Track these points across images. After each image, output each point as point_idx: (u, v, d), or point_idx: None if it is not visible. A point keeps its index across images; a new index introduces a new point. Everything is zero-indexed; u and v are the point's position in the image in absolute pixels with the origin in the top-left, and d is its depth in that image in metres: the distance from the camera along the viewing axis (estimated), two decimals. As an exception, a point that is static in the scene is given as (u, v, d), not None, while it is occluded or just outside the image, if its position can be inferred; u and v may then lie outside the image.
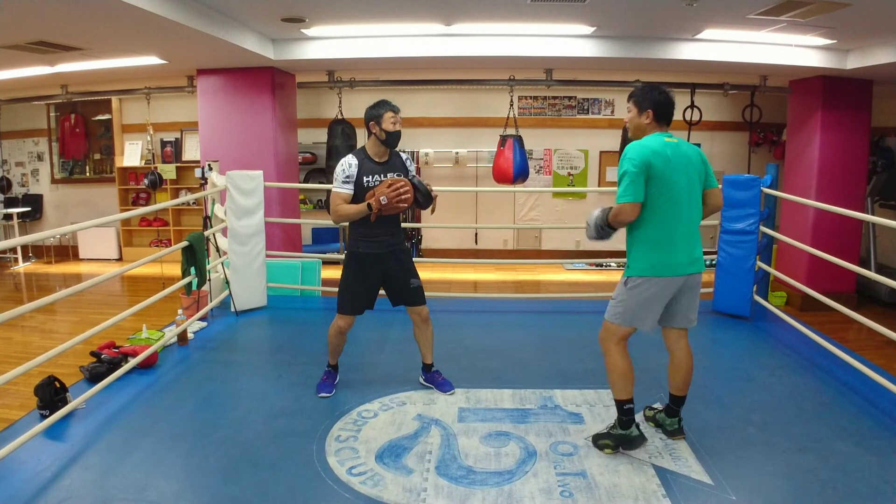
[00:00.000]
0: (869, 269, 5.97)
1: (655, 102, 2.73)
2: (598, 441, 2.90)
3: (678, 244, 2.75)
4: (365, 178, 3.13)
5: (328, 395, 3.37)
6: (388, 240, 3.25)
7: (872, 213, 6.47)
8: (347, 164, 3.12)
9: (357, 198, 3.13)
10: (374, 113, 3.15)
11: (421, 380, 3.59)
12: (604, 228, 2.83)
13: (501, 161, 6.28)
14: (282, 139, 6.11)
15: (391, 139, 3.17)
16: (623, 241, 2.91)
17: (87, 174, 8.79)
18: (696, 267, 2.83)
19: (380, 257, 3.25)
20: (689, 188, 2.74)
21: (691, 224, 2.80)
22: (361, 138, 7.29)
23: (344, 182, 3.11)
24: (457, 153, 8.08)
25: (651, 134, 2.75)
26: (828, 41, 4.99)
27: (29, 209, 8.57)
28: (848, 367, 3.69)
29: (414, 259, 3.53)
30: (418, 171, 8.07)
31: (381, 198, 3.04)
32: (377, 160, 3.19)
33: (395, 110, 3.16)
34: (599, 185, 8.22)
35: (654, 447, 2.89)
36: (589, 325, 4.63)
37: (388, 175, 3.18)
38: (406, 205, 3.10)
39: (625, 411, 2.81)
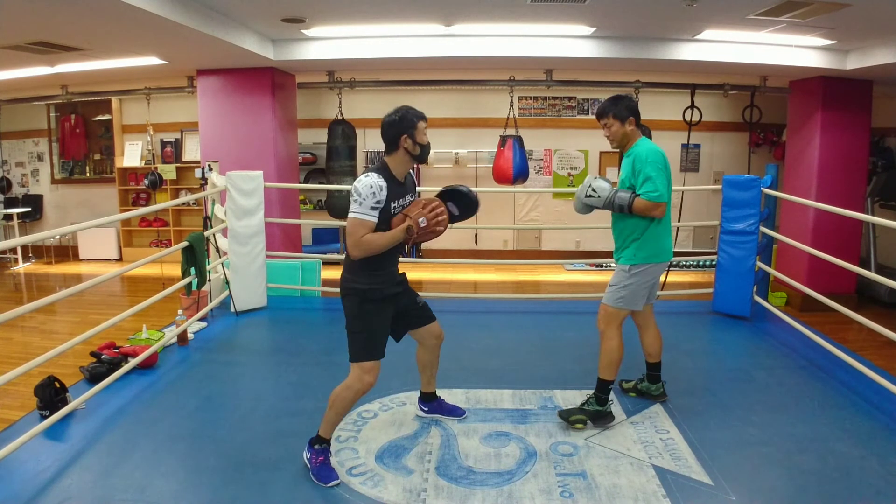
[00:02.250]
0: (869, 269, 5.97)
1: (632, 109, 3.03)
2: (571, 417, 3.09)
3: (671, 232, 3.13)
4: (392, 204, 2.57)
5: (338, 481, 2.61)
6: (394, 270, 2.80)
7: (872, 214, 6.46)
8: (378, 187, 2.49)
9: (377, 227, 2.56)
10: (405, 124, 2.57)
11: (423, 412, 3.22)
12: (621, 209, 3.01)
13: (501, 161, 6.28)
14: (282, 139, 6.11)
15: (425, 153, 2.65)
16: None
17: (87, 174, 8.78)
18: (672, 252, 3.18)
19: (389, 289, 2.72)
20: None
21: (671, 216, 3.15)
22: (362, 139, 7.34)
23: (372, 208, 2.49)
24: (457, 153, 8.08)
25: (639, 138, 3.06)
26: (828, 41, 4.99)
27: (29, 209, 8.57)
28: (848, 368, 3.69)
29: (414, 259, 3.47)
30: (419, 171, 8.07)
31: (420, 219, 2.56)
32: (400, 181, 2.64)
33: (426, 119, 2.65)
34: (599, 186, 8.21)
35: (654, 448, 2.89)
36: (589, 325, 4.62)
37: (408, 198, 2.69)
38: (443, 229, 2.67)
39: (606, 391, 3.11)
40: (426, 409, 3.22)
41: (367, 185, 2.49)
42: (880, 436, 3.01)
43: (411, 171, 2.78)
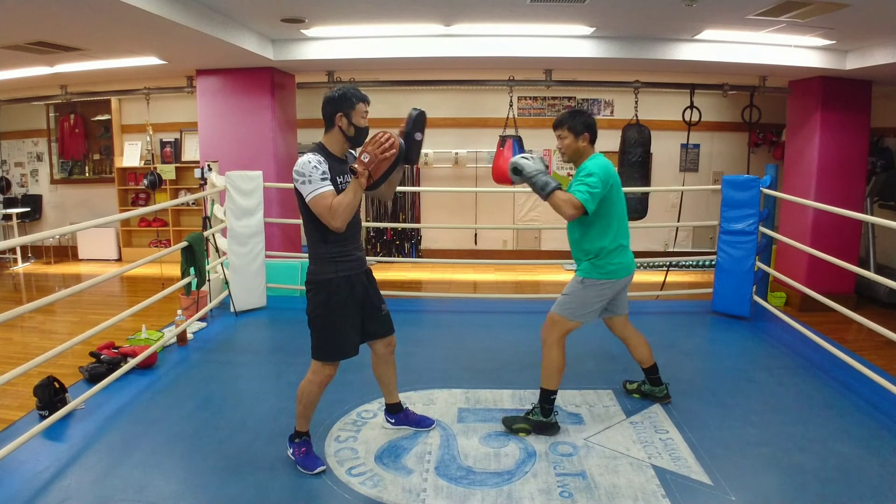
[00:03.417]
0: (868, 269, 5.97)
1: (588, 126, 2.98)
2: (514, 425, 3.06)
3: (628, 248, 3.08)
4: (338, 180, 2.54)
5: (324, 467, 2.69)
6: (361, 255, 2.73)
7: (872, 214, 6.47)
8: (317, 161, 2.48)
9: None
10: (342, 102, 2.54)
11: (389, 423, 3.10)
12: (542, 190, 2.88)
13: (501, 161, 6.27)
14: (281, 139, 6.10)
15: (360, 136, 2.59)
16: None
17: (87, 174, 8.78)
18: (634, 265, 3.14)
19: (358, 279, 2.68)
20: (624, 199, 3.09)
21: (628, 230, 3.12)
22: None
23: (322, 179, 2.46)
24: (456, 154, 8.08)
25: (591, 154, 3.00)
26: (827, 42, 5.00)
27: (28, 209, 8.56)
28: (847, 368, 3.69)
29: (414, 259, 3.44)
30: (418, 171, 8.08)
31: (363, 156, 2.44)
32: (340, 157, 2.62)
33: (368, 101, 2.59)
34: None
35: (653, 447, 2.89)
36: (588, 325, 4.62)
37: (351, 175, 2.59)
38: (394, 151, 2.49)
39: (550, 400, 3.04)
40: (392, 420, 3.10)
41: (306, 163, 2.47)
42: (880, 436, 3.01)
43: (352, 151, 2.71)
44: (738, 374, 3.82)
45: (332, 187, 2.48)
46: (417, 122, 2.68)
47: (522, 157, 2.96)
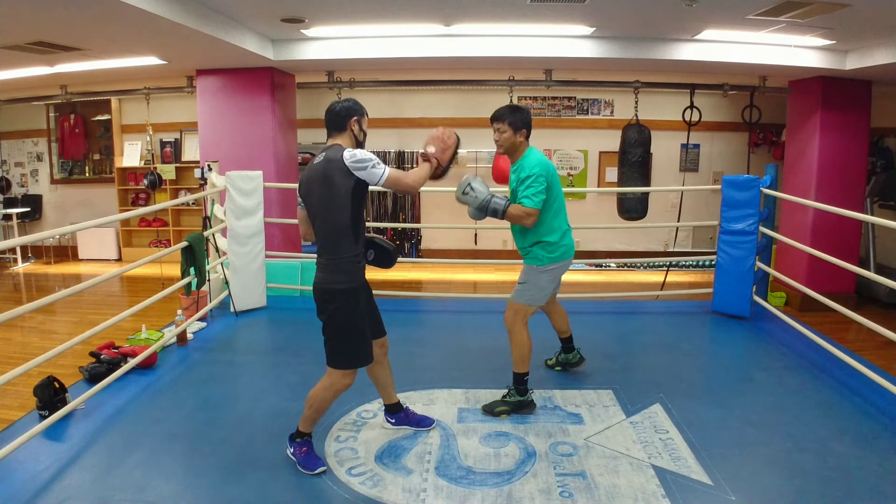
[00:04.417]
0: (868, 269, 5.97)
1: (526, 123, 3.22)
2: (495, 409, 3.22)
3: (570, 232, 3.33)
4: None
5: (324, 467, 2.69)
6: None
7: (872, 214, 6.47)
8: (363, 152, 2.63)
9: (359, 198, 2.58)
10: (357, 108, 2.67)
11: (389, 423, 3.10)
12: (495, 214, 3.10)
13: (501, 162, 6.28)
14: (281, 139, 6.10)
15: (365, 141, 2.75)
16: (622, 241, 2.97)
17: (87, 174, 8.78)
18: (574, 248, 3.38)
19: (367, 284, 2.75)
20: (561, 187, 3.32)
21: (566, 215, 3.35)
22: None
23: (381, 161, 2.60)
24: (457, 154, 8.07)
25: (527, 149, 3.24)
26: (827, 42, 5.00)
27: (28, 209, 8.56)
28: (847, 368, 3.69)
29: (414, 259, 3.46)
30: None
31: (428, 147, 2.64)
32: None
33: (367, 115, 2.78)
34: (599, 186, 8.21)
35: (653, 447, 2.89)
36: (588, 325, 4.64)
37: None
38: (454, 140, 2.76)
39: (524, 381, 3.24)
40: (392, 420, 3.10)
41: (362, 151, 2.56)
42: (880, 436, 3.01)
43: None
44: (738, 374, 3.82)
45: (392, 166, 2.57)
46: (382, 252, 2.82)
47: (463, 193, 3.12)
